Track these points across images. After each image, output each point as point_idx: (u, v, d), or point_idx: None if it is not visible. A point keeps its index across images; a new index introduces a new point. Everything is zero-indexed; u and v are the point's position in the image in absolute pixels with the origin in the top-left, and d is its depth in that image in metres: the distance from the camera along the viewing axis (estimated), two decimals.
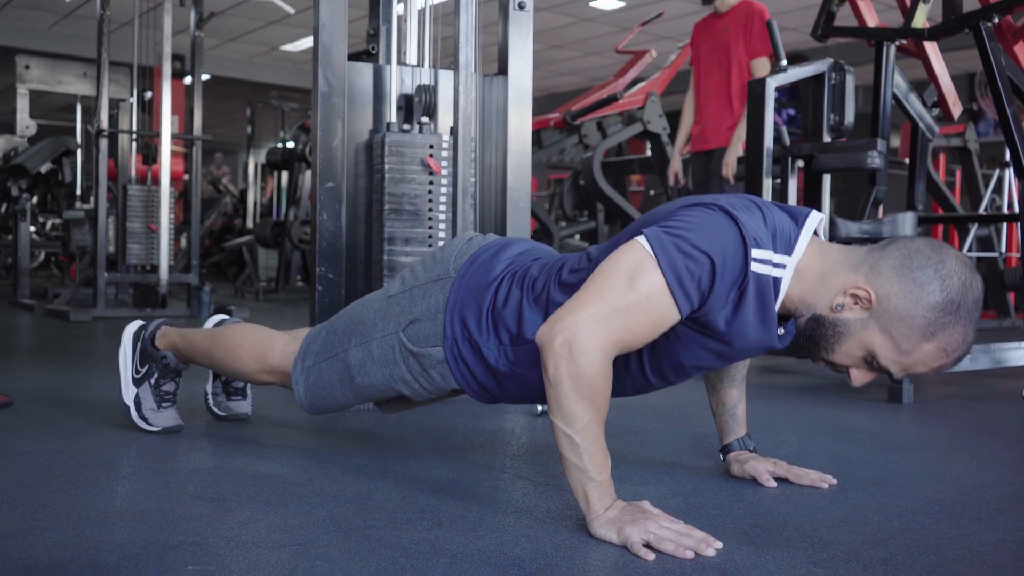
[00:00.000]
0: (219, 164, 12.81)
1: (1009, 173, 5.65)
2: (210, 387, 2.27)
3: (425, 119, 2.98)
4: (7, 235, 7.99)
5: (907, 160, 4.02)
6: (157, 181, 5.69)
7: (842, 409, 2.69)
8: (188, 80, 6.40)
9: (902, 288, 1.38)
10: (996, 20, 3.14)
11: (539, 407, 2.45)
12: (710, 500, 1.63)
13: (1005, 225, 5.67)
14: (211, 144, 8.71)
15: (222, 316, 2.25)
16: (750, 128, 3.40)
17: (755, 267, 1.39)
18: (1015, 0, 3.11)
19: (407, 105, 3.03)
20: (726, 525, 1.47)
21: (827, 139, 3.42)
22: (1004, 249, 5.71)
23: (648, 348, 1.53)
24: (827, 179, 3.45)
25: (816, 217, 1.48)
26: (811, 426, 2.41)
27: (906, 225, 3.54)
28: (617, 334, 1.36)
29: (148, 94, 6.56)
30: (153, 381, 2.07)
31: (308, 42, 11.46)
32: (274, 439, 2.08)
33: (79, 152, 7.65)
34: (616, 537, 1.34)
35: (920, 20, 3.41)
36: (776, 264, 1.42)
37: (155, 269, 5.67)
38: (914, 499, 1.67)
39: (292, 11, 8.76)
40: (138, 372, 2.08)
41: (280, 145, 9.50)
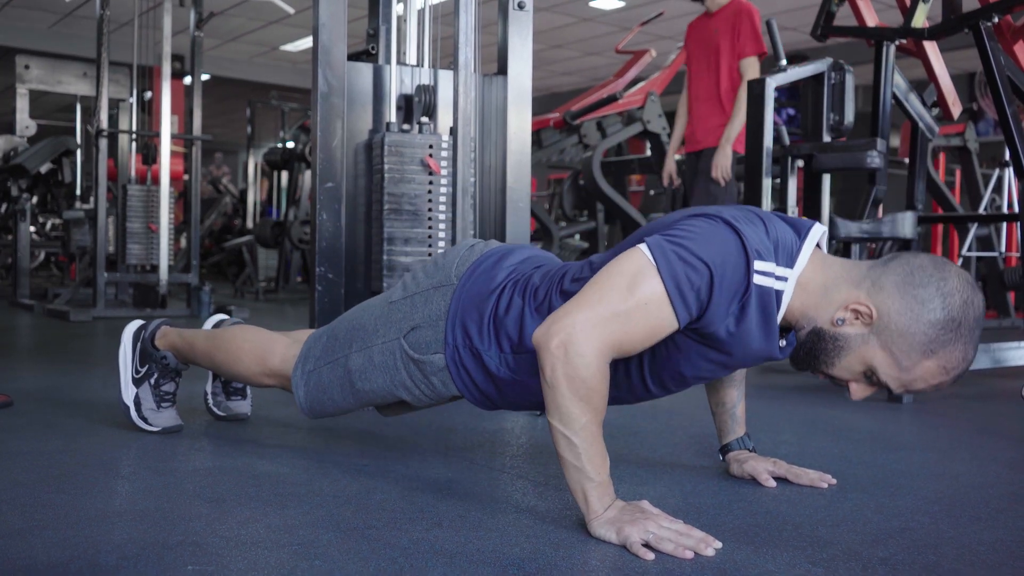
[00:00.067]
0: (219, 164, 12.81)
1: (1009, 173, 5.65)
2: (210, 387, 2.27)
3: (425, 119, 2.98)
4: (7, 235, 7.99)
5: (907, 160, 4.02)
6: (157, 181, 5.69)
7: (842, 409, 2.69)
8: (188, 80, 6.39)
9: (903, 305, 1.37)
10: (996, 20, 3.14)
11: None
12: (709, 500, 1.63)
13: (1005, 225, 5.67)
14: (211, 144, 8.71)
15: (222, 316, 2.25)
16: (750, 128, 3.39)
17: (757, 279, 1.39)
18: (1015, 0, 3.11)
19: (407, 105, 3.03)
20: (725, 525, 1.47)
21: (827, 139, 3.42)
22: (1004, 249, 5.71)
23: (649, 358, 1.53)
24: (827, 179, 3.45)
25: (819, 230, 1.48)
26: (811, 426, 2.41)
27: (906, 225, 3.55)
28: (614, 337, 1.36)
29: (148, 94, 6.56)
30: (153, 381, 2.07)
31: (308, 42, 11.47)
32: (274, 439, 2.08)
33: (79, 152, 7.65)
34: (615, 537, 1.34)
35: (920, 20, 3.41)
36: (779, 277, 1.41)
37: (155, 269, 5.67)
38: (913, 499, 1.68)
39: (292, 11, 8.76)
40: (138, 372, 2.08)
41: (280, 145, 9.51)
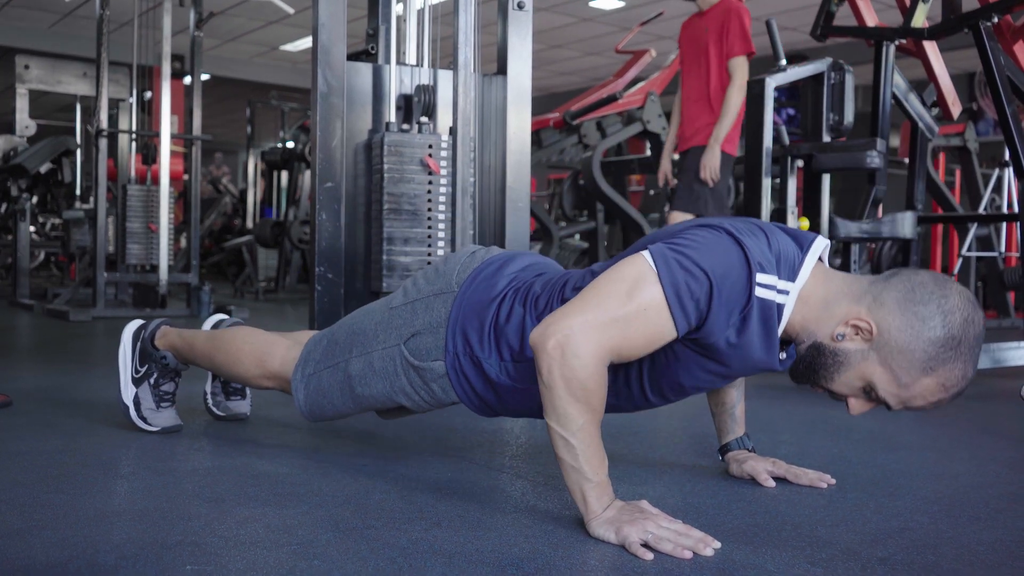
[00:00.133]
0: (219, 164, 12.81)
1: (1009, 173, 5.65)
2: (209, 387, 2.27)
3: (424, 119, 2.98)
4: (7, 235, 7.99)
5: (907, 160, 4.02)
6: (157, 181, 5.69)
7: (841, 409, 2.66)
8: (188, 80, 6.39)
9: (904, 322, 1.37)
10: (995, 19, 3.14)
11: None
12: (709, 500, 1.63)
13: (1004, 224, 5.67)
14: (211, 144, 8.71)
15: (221, 316, 2.25)
16: (749, 128, 3.39)
17: (759, 292, 1.39)
18: (1014, 0, 3.11)
19: (406, 105, 3.03)
20: (724, 524, 1.47)
21: (826, 139, 3.42)
22: (1004, 249, 5.71)
23: (648, 367, 1.54)
24: (826, 179, 3.45)
25: (821, 243, 1.48)
26: (810, 426, 2.41)
27: (905, 225, 3.55)
28: (612, 342, 1.36)
29: (148, 94, 6.55)
30: (152, 381, 2.07)
31: (308, 42, 11.47)
32: (273, 439, 2.08)
33: (79, 152, 7.65)
34: (614, 537, 1.34)
35: (919, 20, 3.41)
36: (780, 290, 1.41)
37: (155, 269, 5.67)
38: (913, 499, 1.68)
39: (292, 11, 8.76)
40: (137, 372, 2.08)
41: (280, 145, 9.50)
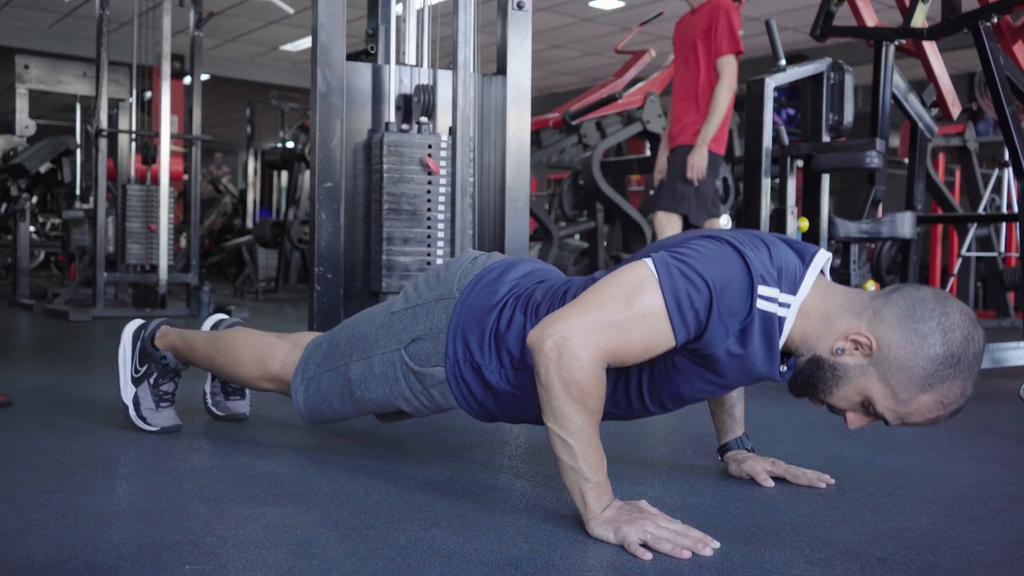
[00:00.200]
0: (219, 164, 12.81)
1: (1008, 173, 5.65)
2: (208, 387, 2.27)
3: (424, 119, 2.98)
4: (7, 235, 7.99)
5: (906, 160, 4.02)
6: (156, 181, 5.69)
7: None
8: (188, 80, 6.39)
9: (903, 338, 1.37)
10: (995, 20, 3.14)
11: None
12: (708, 499, 1.63)
13: (1004, 225, 5.67)
14: (211, 144, 8.71)
15: (221, 316, 2.25)
16: (749, 128, 3.39)
17: (761, 304, 1.39)
18: (1014, 0, 3.11)
19: (406, 105, 3.03)
20: (723, 524, 1.47)
21: (826, 139, 3.42)
22: (1003, 249, 5.71)
23: (648, 378, 1.54)
24: (826, 179, 3.45)
25: (823, 256, 1.47)
26: (809, 426, 2.41)
27: (905, 225, 3.55)
28: (610, 346, 1.36)
29: (147, 94, 6.56)
30: (152, 381, 2.07)
31: (308, 42, 11.47)
32: (272, 439, 2.08)
33: (78, 152, 7.65)
34: (613, 537, 1.34)
35: (919, 20, 3.41)
36: (782, 303, 1.41)
37: (154, 269, 5.67)
38: (912, 499, 1.68)
39: (291, 11, 8.76)
40: (137, 371, 2.08)
41: (279, 145, 9.51)
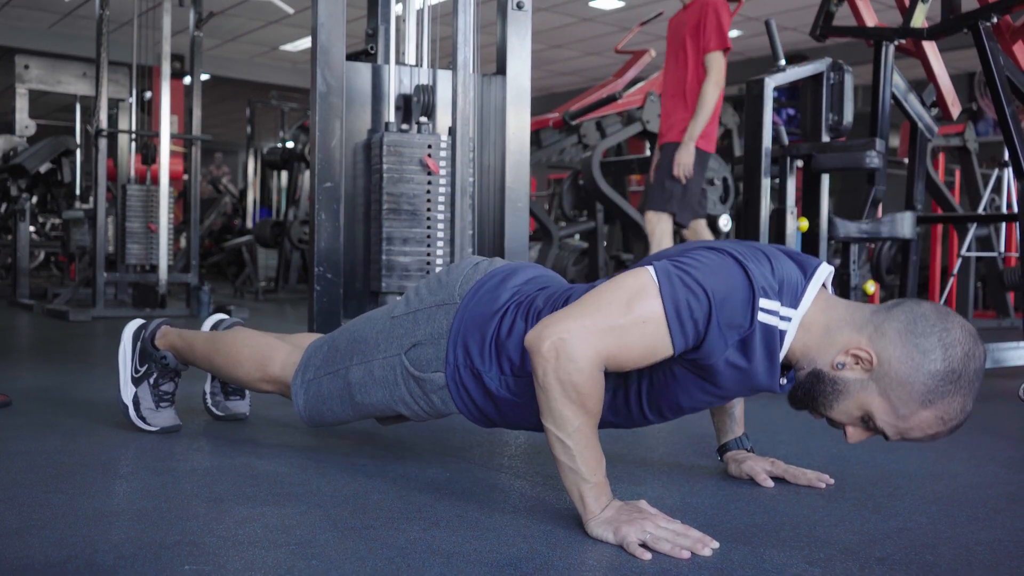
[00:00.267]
0: (219, 164, 12.81)
1: (1008, 173, 5.65)
2: (208, 387, 2.27)
3: (423, 119, 2.98)
4: (7, 235, 7.99)
5: (906, 160, 4.02)
6: (156, 181, 5.69)
7: None
8: (187, 80, 6.39)
9: (904, 353, 1.37)
10: (995, 20, 3.14)
11: None
12: (707, 500, 1.63)
13: (1004, 225, 5.67)
14: (211, 144, 8.71)
15: (221, 316, 2.25)
16: (749, 128, 3.39)
17: (762, 317, 1.38)
18: (1014, 0, 3.11)
19: (405, 105, 3.03)
20: (723, 524, 1.47)
21: (826, 139, 3.41)
22: (1003, 249, 5.71)
23: (647, 388, 1.54)
24: (826, 179, 3.45)
25: (824, 270, 1.47)
26: (809, 426, 2.41)
27: (905, 225, 3.55)
28: (608, 349, 1.36)
29: (147, 94, 6.56)
30: (152, 381, 2.07)
31: (308, 42, 11.46)
32: (272, 439, 2.08)
33: (78, 152, 7.65)
34: (612, 537, 1.34)
35: (919, 20, 3.41)
36: (783, 317, 1.41)
37: (154, 269, 5.67)
38: (911, 499, 1.68)
39: (291, 11, 8.76)
40: (137, 371, 2.08)
41: (279, 145, 9.51)
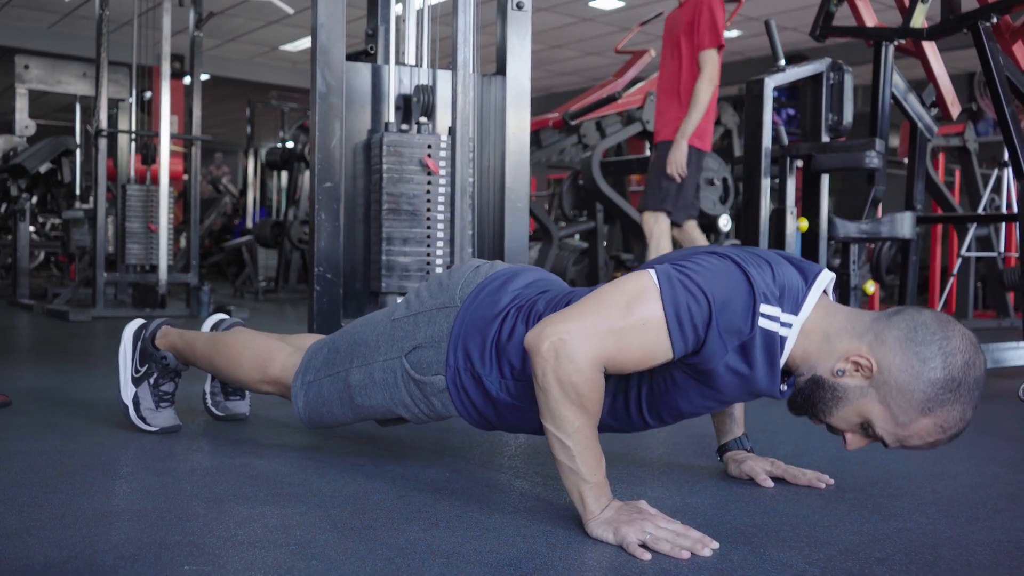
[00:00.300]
0: (219, 164, 12.81)
1: (1008, 173, 5.66)
2: (208, 387, 2.27)
3: (423, 119, 2.98)
4: (7, 235, 7.99)
5: (906, 160, 4.02)
6: (156, 181, 5.69)
7: None
8: (187, 80, 6.39)
9: (904, 361, 1.37)
10: (994, 20, 3.14)
11: None
12: (707, 500, 1.63)
13: (1004, 225, 5.67)
14: (211, 144, 8.71)
15: (221, 316, 2.25)
16: (748, 128, 3.39)
17: (763, 323, 1.39)
18: (1014, 0, 3.11)
19: (405, 105, 3.03)
20: (723, 525, 1.47)
21: (825, 139, 3.42)
22: (1003, 249, 5.72)
23: (647, 394, 1.55)
24: (825, 179, 3.45)
25: (826, 277, 1.47)
26: (808, 426, 2.40)
27: (904, 225, 3.55)
28: (607, 351, 1.36)
29: (147, 94, 6.56)
30: (152, 381, 2.07)
31: (307, 42, 11.45)
32: (272, 439, 2.08)
33: (78, 152, 7.65)
34: (612, 537, 1.34)
35: (918, 20, 3.41)
36: (784, 323, 1.41)
37: (154, 269, 5.67)
38: (911, 499, 1.68)
39: (291, 11, 8.76)
40: (137, 371, 2.08)
41: (279, 145, 9.51)
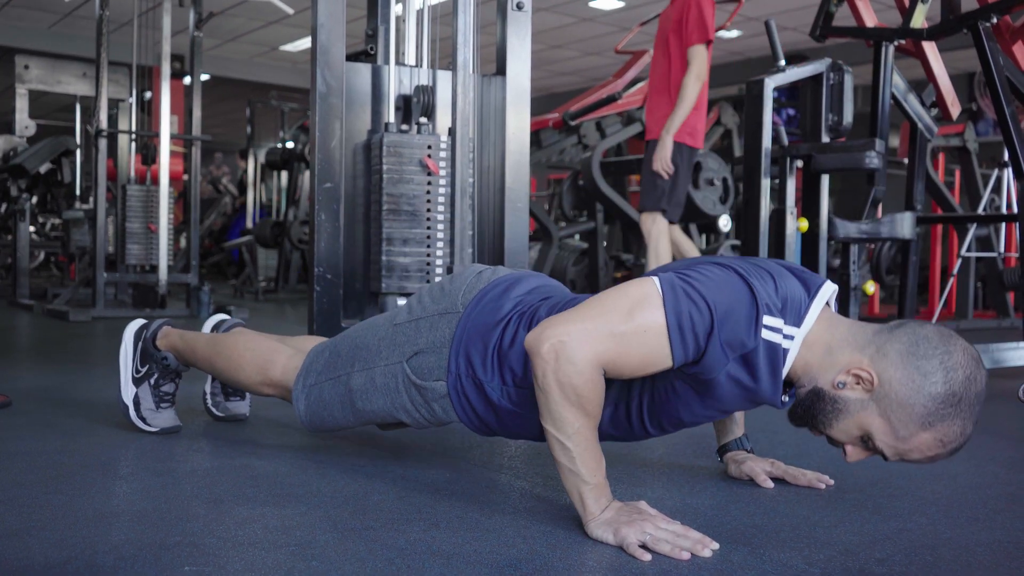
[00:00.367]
0: (219, 164, 12.81)
1: (1008, 173, 5.66)
2: (208, 387, 2.27)
3: (423, 120, 2.98)
4: (7, 235, 7.99)
5: (906, 160, 4.02)
6: (156, 181, 5.69)
7: None
8: (187, 80, 6.39)
9: (905, 375, 1.36)
10: (994, 20, 3.14)
11: None
12: (707, 500, 1.63)
13: (1004, 225, 5.67)
14: (211, 144, 8.71)
15: (222, 316, 2.24)
16: (748, 128, 3.39)
17: (765, 334, 1.39)
18: (1013, 0, 3.11)
19: (405, 106, 3.03)
20: (723, 525, 1.47)
21: (825, 139, 3.42)
22: (1003, 249, 5.72)
23: (648, 403, 1.55)
24: (825, 179, 3.45)
25: (829, 289, 1.47)
26: None
27: (904, 225, 3.55)
28: (607, 355, 1.37)
29: (147, 94, 6.56)
30: (153, 381, 2.07)
31: (308, 42, 11.43)
32: (272, 439, 2.08)
33: (78, 152, 7.65)
34: (612, 538, 1.35)
35: (918, 20, 3.41)
36: (786, 335, 1.41)
37: (154, 269, 5.67)
38: (911, 500, 1.68)
39: (291, 11, 8.75)
40: (138, 372, 2.08)
41: (279, 145, 9.51)
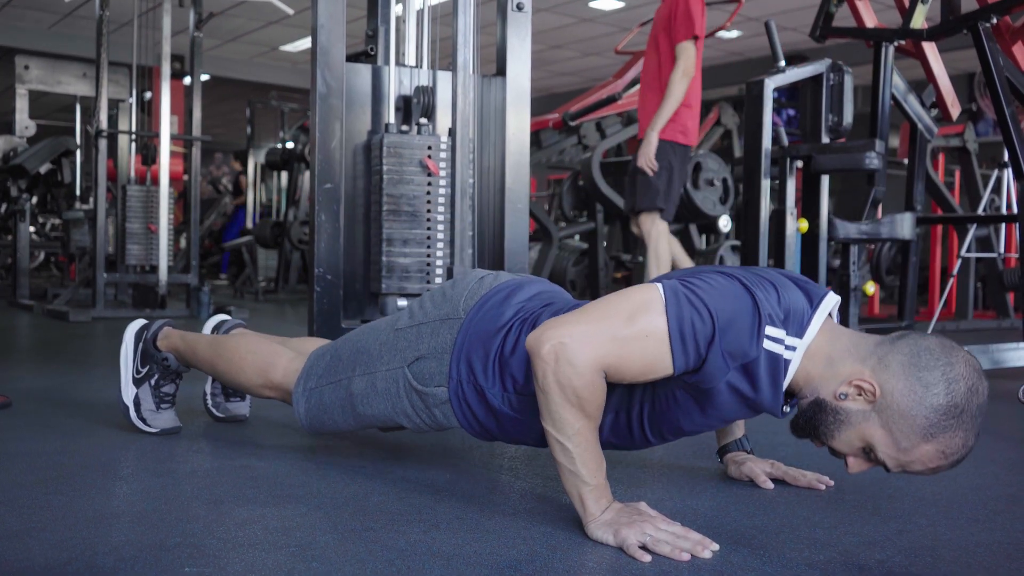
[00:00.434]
0: (219, 164, 12.81)
1: (1008, 173, 5.65)
2: (208, 388, 2.27)
3: (423, 120, 2.98)
4: (7, 235, 7.99)
5: (906, 160, 4.03)
6: (156, 182, 5.70)
7: None
8: (187, 80, 6.39)
9: (907, 386, 1.36)
10: (994, 20, 3.14)
11: None
12: (707, 501, 1.64)
13: (1004, 225, 5.67)
14: (211, 144, 8.70)
15: (222, 317, 2.24)
16: (748, 129, 3.39)
17: (767, 345, 1.38)
18: (1013, 0, 3.11)
19: (405, 106, 3.03)
20: (723, 527, 1.47)
21: (825, 140, 3.42)
22: (1003, 249, 5.72)
23: (649, 412, 1.55)
24: (825, 180, 3.45)
25: (831, 300, 1.47)
26: None
27: (905, 225, 3.55)
28: (608, 359, 1.37)
29: (147, 94, 6.56)
30: (153, 382, 2.07)
31: (308, 42, 11.42)
32: (272, 440, 2.08)
33: (78, 152, 7.66)
34: (612, 539, 1.35)
35: (918, 21, 3.41)
36: (788, 346, 1.41)
37: (154, 269, 5.67)
38: (911, 501, 1.68)
39: (291, 12, 8.75)
40: (138, 372, 2.08)
41: (279, 146, 9.51)
